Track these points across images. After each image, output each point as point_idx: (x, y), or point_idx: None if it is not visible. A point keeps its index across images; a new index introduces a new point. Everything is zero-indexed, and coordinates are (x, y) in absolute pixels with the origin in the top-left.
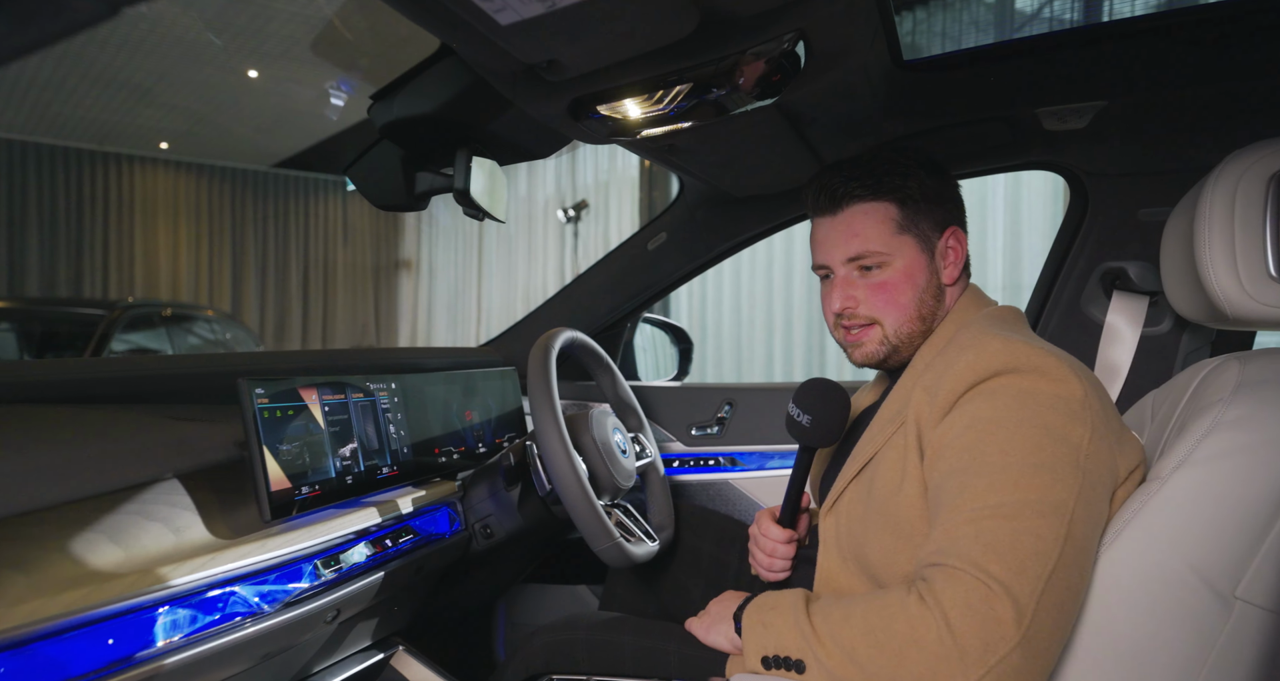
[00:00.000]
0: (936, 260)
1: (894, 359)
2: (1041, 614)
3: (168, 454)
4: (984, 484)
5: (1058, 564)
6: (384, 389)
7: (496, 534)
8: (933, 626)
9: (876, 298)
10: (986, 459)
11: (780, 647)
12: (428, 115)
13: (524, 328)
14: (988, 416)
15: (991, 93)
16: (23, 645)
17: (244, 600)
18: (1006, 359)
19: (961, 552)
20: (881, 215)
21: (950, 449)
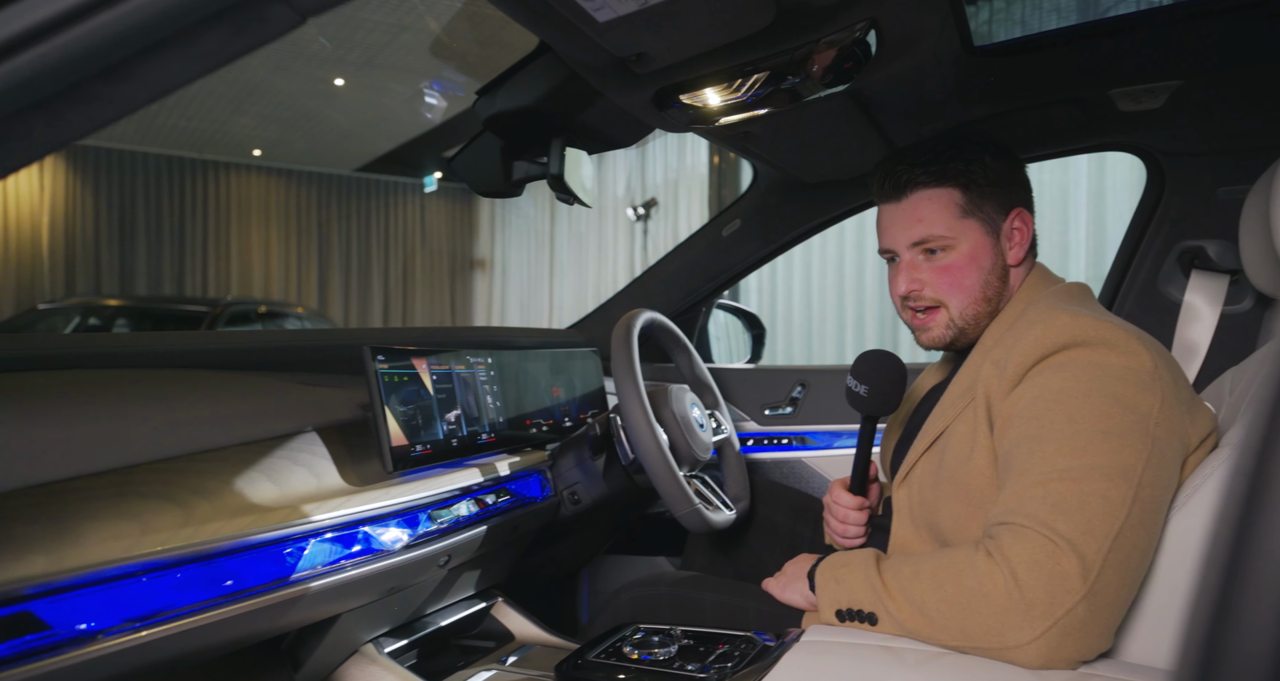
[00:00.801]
0: (1001, 242)
1: (961, 341)
2: (1108, 570)
3: (306, 411)
4: (1052, 449)
5: (1125, 524)
6: (482, 363)
7: (583, 500)
8: (1000, 580)
9: (941, 281)
10: (1055, 426)
11: (852, 601)
12: (526, 108)
13: (605, 312)
14: (1056, 387)
15: (1063, 75)
16: (209, 558)
17: (372, 539)
18: (1074, 332)
19: (1029, 512)
20: (945, 200)
21: (1019, 418)
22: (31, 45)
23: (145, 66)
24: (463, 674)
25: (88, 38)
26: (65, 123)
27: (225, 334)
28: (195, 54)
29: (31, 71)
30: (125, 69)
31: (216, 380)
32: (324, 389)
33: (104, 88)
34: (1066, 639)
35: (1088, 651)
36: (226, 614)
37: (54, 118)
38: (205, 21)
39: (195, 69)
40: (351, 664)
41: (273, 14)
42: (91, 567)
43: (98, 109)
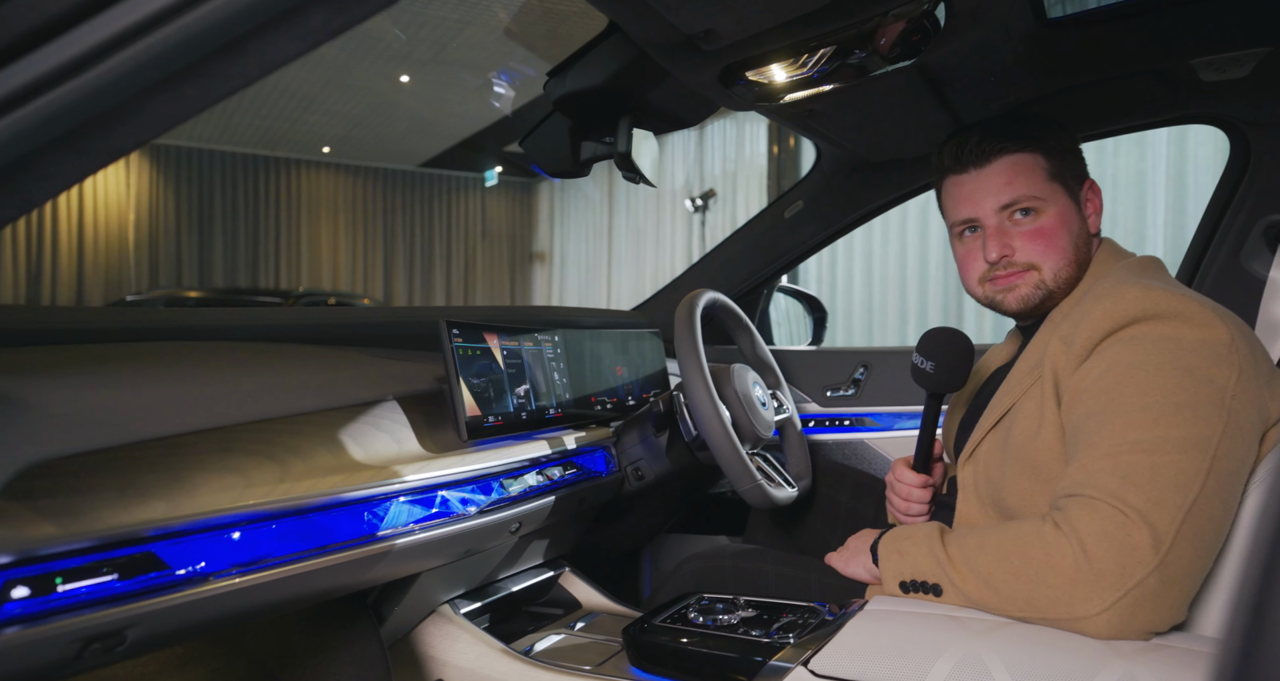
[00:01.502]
0: (1082, 208)
1: (1048, 304)
2: (1181, 542)
3: (386, 382)
4: (1122, 422)
5: (1199, 496)
6: (549, 341)
7: (647, 476)
8: (1068, 552)
9: (1035, 243)
10: (1125, 399)
11: (916, 573)
12: (595, 88)
13: (667, 294)
14: (1127, 360)
15: (1141, 46)
16: (303, 514)
17: (449, 503)
18: (1145, 305)
19: (1098, 484)
20: (1032, 164)
21: (1088, 392)
22: (156, 28)
23: (256, 44)
24: (533, 636)
25: (206, 19)
26: (184, 98)
27: (310, 311)
28: (300, 32)
29: (156, 52)
30: (238, 46)
31: (304, 352)
32: (401, 362)
33: (219, 65)
34: (1138, 610)
35: (1160, 623)
36: (318, 565)
37: (175, 94)
38: (309, 1)
39: (300, 46)
40: (430, 622)
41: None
42: (203, 515)
43: (213, 85)
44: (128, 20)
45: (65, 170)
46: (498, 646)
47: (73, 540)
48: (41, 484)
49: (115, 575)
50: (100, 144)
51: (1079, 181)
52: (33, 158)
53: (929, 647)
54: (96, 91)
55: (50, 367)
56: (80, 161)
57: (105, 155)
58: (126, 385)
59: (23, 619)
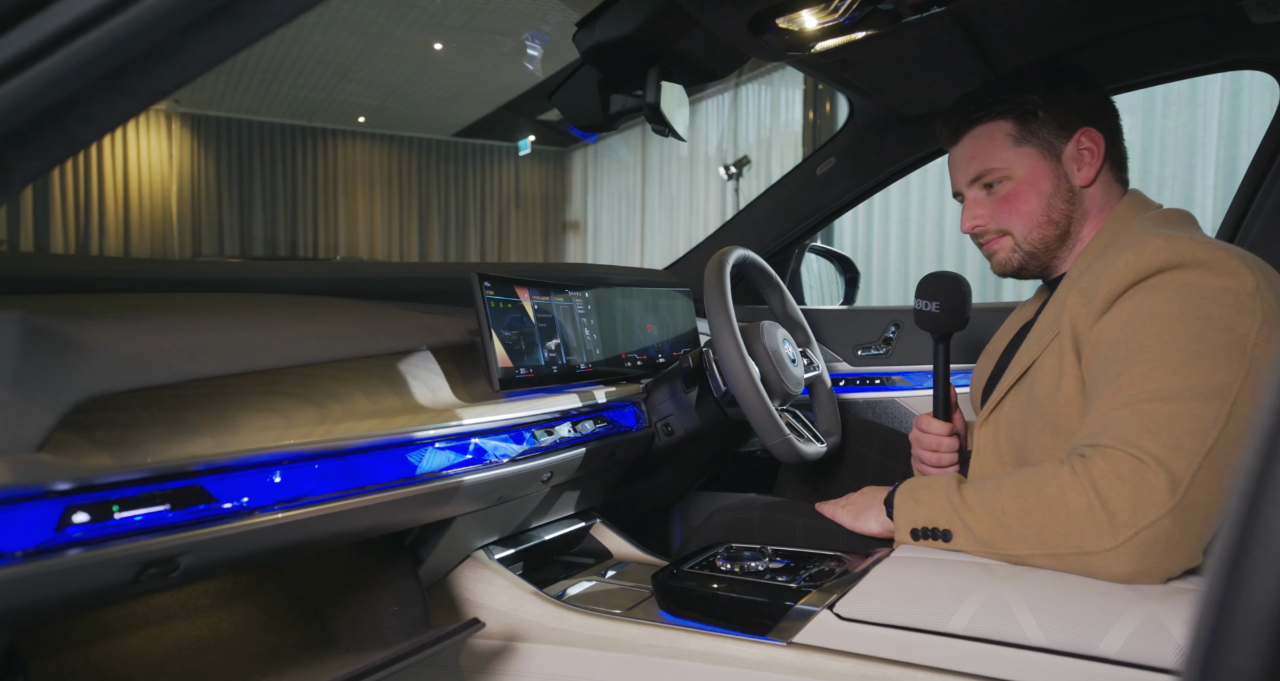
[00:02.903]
0: (1065, 165)
1: (1033, 265)
2: (1198, 486)
3: (421, 332)
4: (1141, 371)
5: (1218, 441)
6: (580, 297)
7: (676, 432)
8: (1083, 493)
9: (1002, 210)
10: (1145, 348)
11: (929, 519)
12: (624, 38)
13: (698, 254)
14: (1148, 310)
15: None
16: (341, 455)
17: (483, 449)
18: (1169, 255)
19: (1115, 432)
20: (995, 133)
21: (1107, 343)
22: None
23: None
24: (565, 582)
25: None
26: (221, 38)
27: (347, 264)
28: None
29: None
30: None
31: (342, 304)
32: (435, 315)
33: (252, 4)
34: (1151, 550)
35: (1174, 566)
36: (356, 504)
37: (212, 34)
38: None
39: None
40: (466, 566)
41: None
42: (247, 452)
43: (248, 24)
44: None
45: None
46: (531, 590)
47: (127, 471)
48: (97, 416)
49: (167, 505)
50: (142, 84)
51: (1064, 134)
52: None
53: (953, 591)
54: (136, 31)
55: (104, 311)
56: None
57: (148, 95)
58: (174, 329)
59: (84, 542)
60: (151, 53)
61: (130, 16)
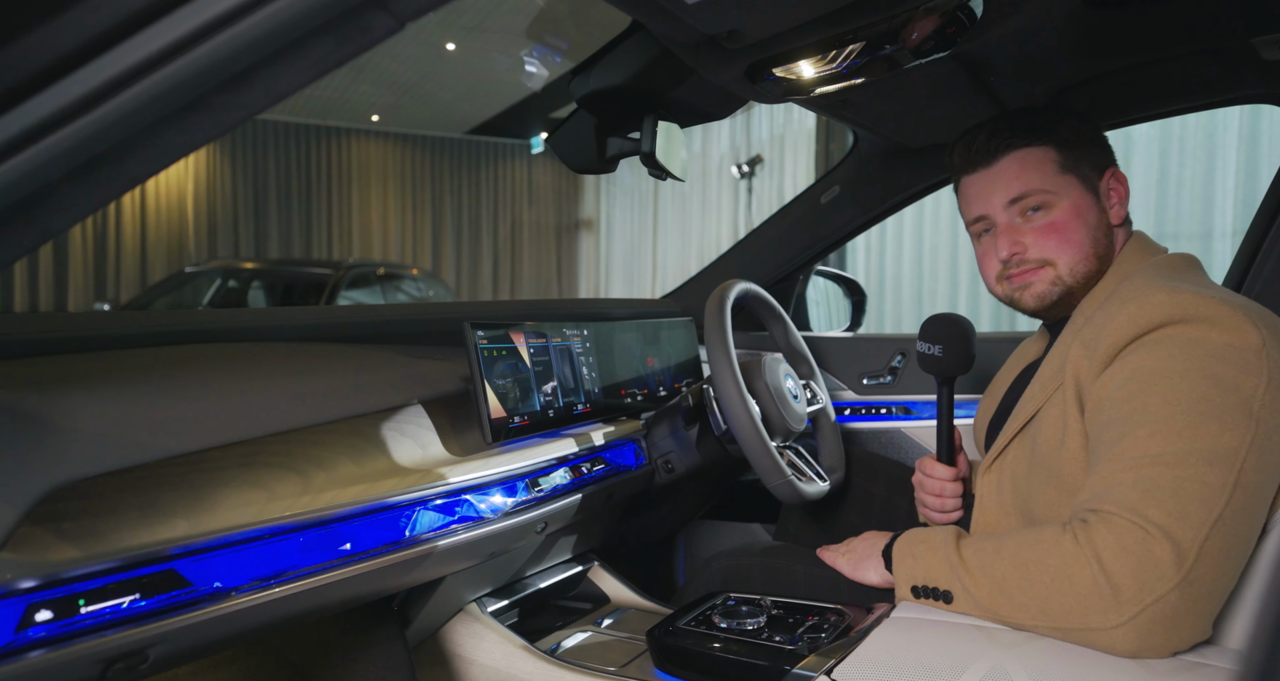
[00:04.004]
0: (1102, 200)
1: (1067, 302)
2: (1205, 558)
3: (413, 384)
4: (1145, 433)
5: (1225, 510)
6: (578, 335)
7: (677, 469)
8: (1086, 565)
9: (1048, 239)
10: (1148, 409)
11: (929, 578)
12: (620, 86)
13: (701, 280)
14: (1151, 367)
15: (1197, 24)
16: (325, 524)
17: (474, 506)
18: (1172, 309)
19: (1118, 498)
20: (1041, 157)
21: (1110, 400)
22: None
23: (262, 76)
24: (560, 634)
25: (210, 55)
26: (194, 128)
27: (339, 309)
28: (306, 63)
29: (166, 87)
30: (244, 79)
31: (333, 354)
32: (429, 362)
33: (226, 97)
34: (1157, 626)
35: (1181, 641)
36: (343, 575)
37: (184, 125)
38: (315, 33)
39: (307, 75)
40: (457, 621)
41: (375, 22)
42: (225, 531)
43: (222, 115)
44: (137, 57)
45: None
46: (522, 644)
47: (95, 562)
48: (64, 506)
49: (137, 595)
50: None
51: (1099, 171)
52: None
53: (954, 660)
54: (109, 126)
55: (73, 382)
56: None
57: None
58: (150, 401)
59: (46, 642)
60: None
61: (105, 111)
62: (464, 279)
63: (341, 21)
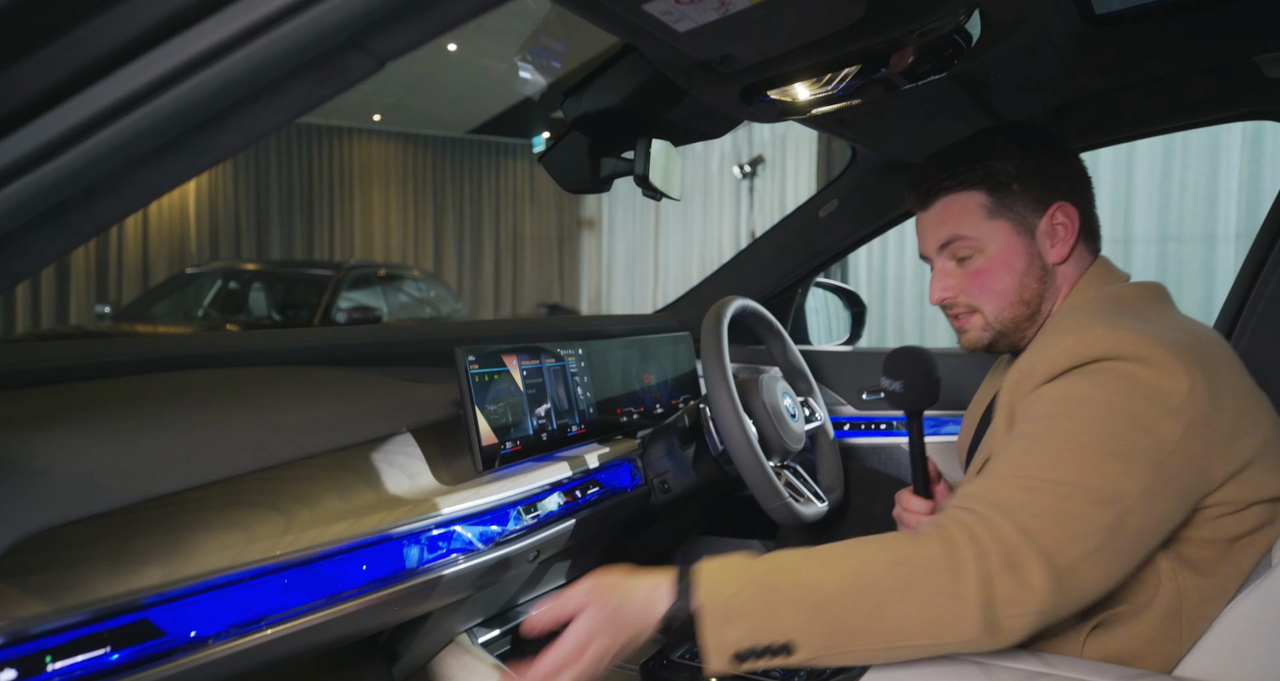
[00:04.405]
0: (1039, 241)
1: (1002, 343)
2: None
3: (402, 411)
4: (1050, 457)
5: (1099, 549)
6: (572, 354)
7: (673, 489)
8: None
9: (973, 285)
10: (1062, 432)
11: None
12: (613, 107)
13: (698, 294)
14: (1077, 394)
15: (1200, 42)
16: (308, 563)
17: (464, 538)
18: (1108, 345)
19: (1011, 513)
20: (967, 203)
21: (1030, 416)
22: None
23: (238, 117)
24: None
25: (188, 95)
26: (168, 171)
27: (326, 331)
28: (282, 104)
29: (139, 129)
30: (220, 121)
31: (319, 380)
32: (419, 386)
33: (201, 138)
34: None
35: None
36: (327, 616)
37: (158, 167)
38: (292, 74)
39: (284, 116)
40: (446, 653)
41: (354, 64)
42: (201, 577)
43: (197, 157)
44: (109, 99)
45: (50, 244)
46: (516, 679)
47: (64, 616)
48: (32, 558)
49: (108, 648)
50: (84, 219)
51: (1039, 209)
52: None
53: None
54: (81, 169)
55: (40, 418)
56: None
57: (90, 228)
58: (124, 437)
59: None
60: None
61: (76, 155)
62: (465, 279)
63: (319, 63)
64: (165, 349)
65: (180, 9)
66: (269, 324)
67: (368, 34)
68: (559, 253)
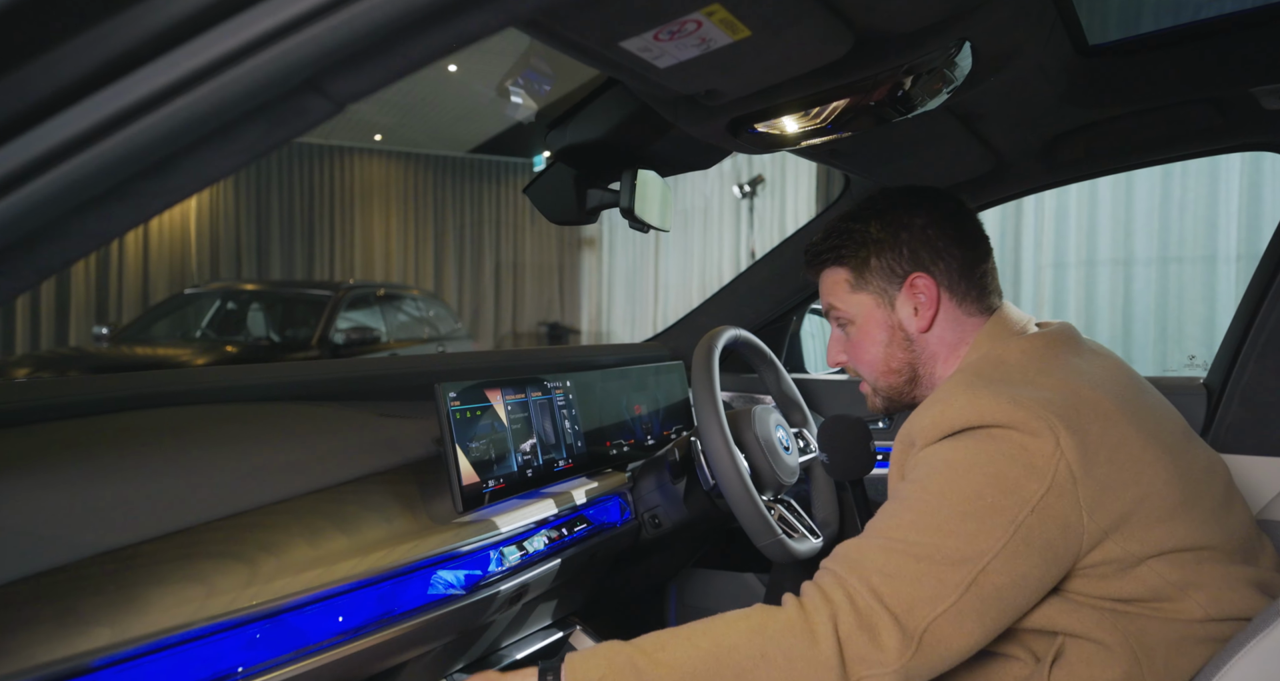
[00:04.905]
0: (899, 311)
1: (895, 408)
2: (924, 650)
3: (379, 450)
4: (910, 518)
5: (950, 609)
6: (559, 387)
7: (664, 524)
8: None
9: (851, 354)
10: (925, 494)
11: None
12: (598, 140)
13: (690, 322)
14: (944, 457)
15: (1197, 74)
16: (275, 615)
17: (444, 581)
18: (970, 416)
19: (863, 576)
20: (836, 278)
21: (905, 482)
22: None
23: (190, 161)
24: None
25: (135, 139)
26: (115, 218)
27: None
28: (236, 147)
29: (83, 174)
30: (170, 165)
31: (292, 417)
32: (399, 421)
33: (150, 183)
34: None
35: None
36: (294, 671)
37: (104, 214)
38: (246, 116)
39: (238, 160)
40: None
41: (311, 106)
42: (156, 635)
43: (145, 202)
44: (51, 142)
45: None
46: None
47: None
48: None
49: None
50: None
51: (896, 280)
52: None
53: None
54: (19, 216)
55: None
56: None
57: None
58: (75, 486)
59: None
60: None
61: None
62: (466, 298)
63: (275, 105)
64: (119, 387)
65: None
66: (266, 345)
67: (326, 77)
68: (559, 272)
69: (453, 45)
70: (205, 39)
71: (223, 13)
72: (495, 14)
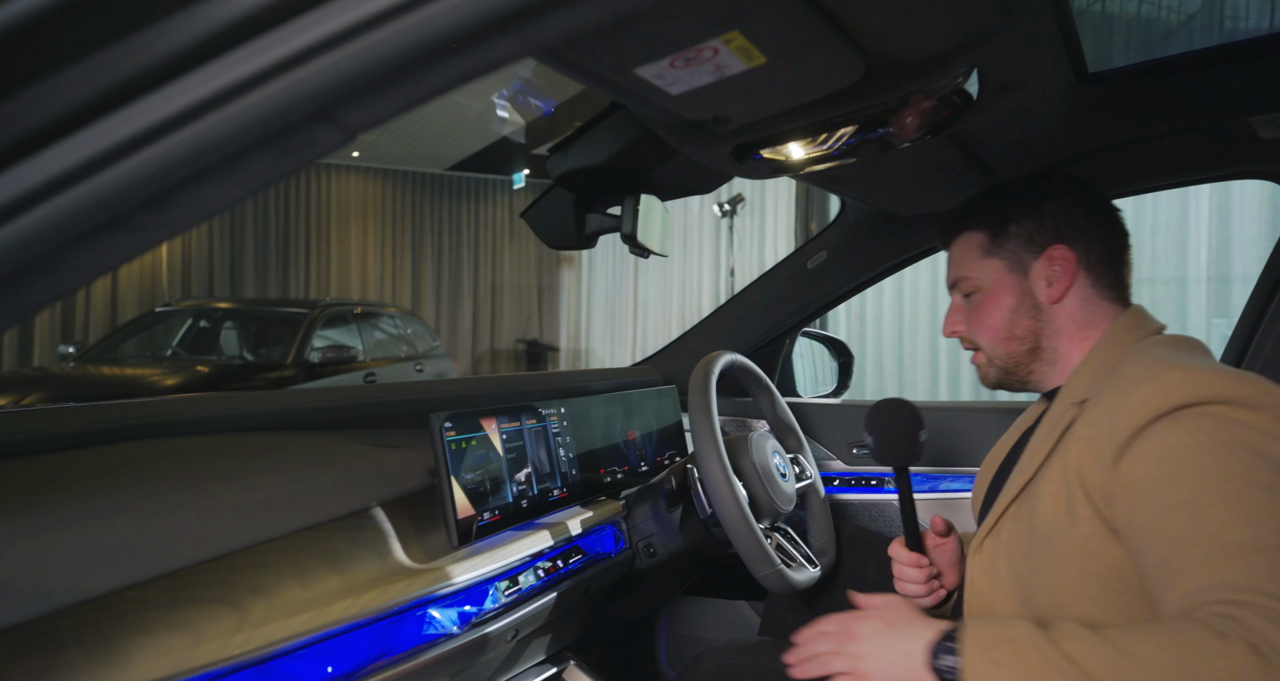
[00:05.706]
0: (1033, 280)
1: (1010, 379)
2: None
3: (372, 483)
4: (1221, 515)
5: None
6: (554, 414)
7: (659, 553)
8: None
9: (972, 321)
10: (1207, 488)
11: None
12: (600, 165)
13: (682, 345)
14: (1184, 443)
15: (1194, 103)
16: (263, 662)
17: (437, 621)
18: (1193, 389)
19: (1250, 587)
20: (970, 243)
21: (1147, 482)
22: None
23: (190, 194)
24: None
25: (135, 171)
26: (109, 252)
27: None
28: (240, 179)
29: (78, 207)
30: (170, 197)
31: (281, 449)
32: (391, 451)
33: (149, 216)
34: None
35: None
36: None
37: (97, 247)
38: (252, 147)
39: (242, 191)
40: None
41: (321, 136)
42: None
43: (142, 236)
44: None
45: None
46: None
47: None
48: None
49: None
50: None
51: (1034, 249)
52: None
53: None
54: (9, 250)
55: None
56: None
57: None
58: (52, 529)
59: None
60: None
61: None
62: (444, 316)
63: (283, 136)
64: (95, 419)
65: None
66: (240, 364)
67: (338, 106)
68: (538, 289)
69: (473, 74)
70: (214, 67)
71: (234, 39)
72: (518, 42)
